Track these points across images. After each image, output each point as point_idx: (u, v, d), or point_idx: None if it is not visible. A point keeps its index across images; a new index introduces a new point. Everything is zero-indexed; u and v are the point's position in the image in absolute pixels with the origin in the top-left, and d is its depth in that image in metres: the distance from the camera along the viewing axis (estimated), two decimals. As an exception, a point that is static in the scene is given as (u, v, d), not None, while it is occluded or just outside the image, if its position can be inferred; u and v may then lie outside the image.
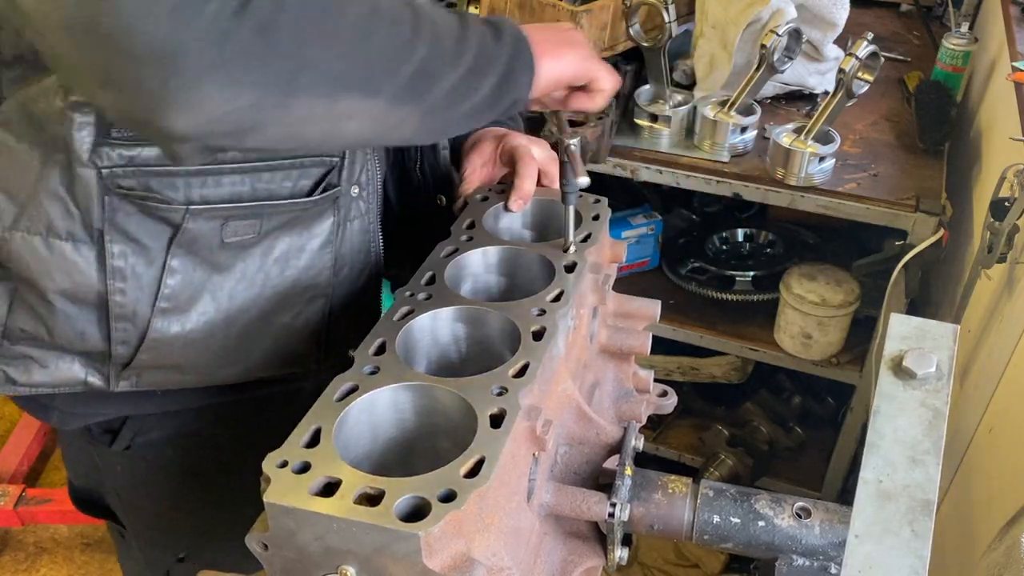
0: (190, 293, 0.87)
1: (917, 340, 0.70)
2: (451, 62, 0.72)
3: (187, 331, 0.89)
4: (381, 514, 0.58)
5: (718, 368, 2.11)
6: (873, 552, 0.55)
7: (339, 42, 0.64)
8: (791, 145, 1.56)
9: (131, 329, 0.88)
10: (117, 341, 0.88)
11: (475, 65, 0.74)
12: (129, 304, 0.86)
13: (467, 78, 0.73)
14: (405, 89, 0.69)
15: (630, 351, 0.95)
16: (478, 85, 0.75)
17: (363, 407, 0.69)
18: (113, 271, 0.84)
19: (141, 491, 1.09)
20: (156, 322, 0.87)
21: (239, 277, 0.88)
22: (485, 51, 0.75)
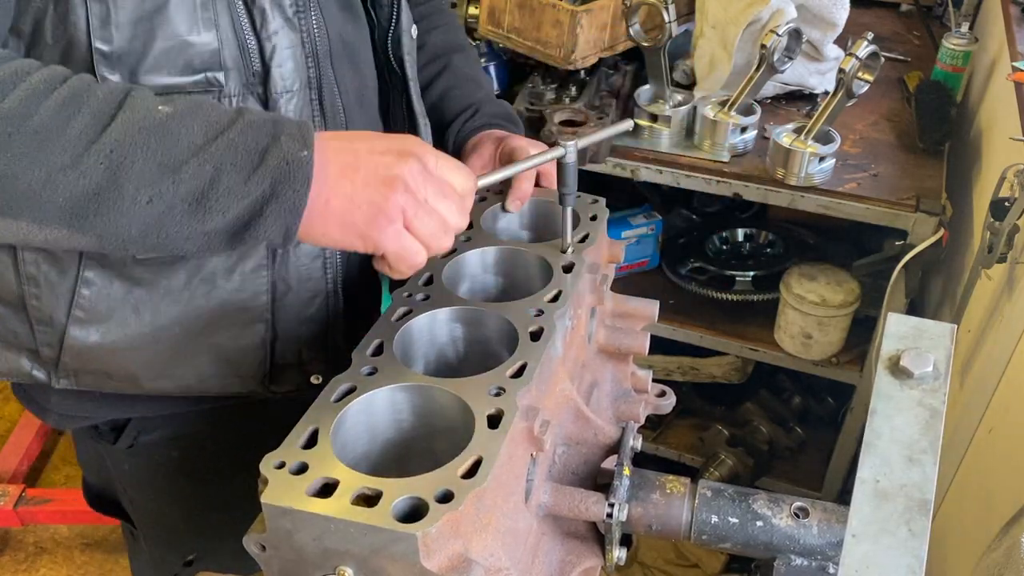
0: (108, 304, 0.86)
1: (914, 340, 0.70)
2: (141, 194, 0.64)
3: (109, 341, 0.88)
4: (378, 515, 0.58)
5: (718, 368, 2.11)
6: (870, 552, 0.55)
7: None
8: (791, 145, 1.56)
9: (51, 333, 0.88)
10: (41, 343, 0.89)
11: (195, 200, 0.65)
12: (45, 310, 0.86)
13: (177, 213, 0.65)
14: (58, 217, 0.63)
15: (628, 351, 0.95)
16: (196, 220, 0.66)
17: (361, 408, 0.69)
18: (27, 277, 0.85)
19: (147, 490, 1.09)
20: (73, 329, 0.87)
21: (163, 293, 0.87)
22: (219, 187, 0.65)
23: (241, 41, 0.80)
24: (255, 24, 0.81)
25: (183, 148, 0.65)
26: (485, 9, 1.80)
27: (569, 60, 1.70)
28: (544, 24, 1.70)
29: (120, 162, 0.63)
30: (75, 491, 2.24)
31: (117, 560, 2.21)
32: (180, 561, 1.16)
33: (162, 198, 0.64)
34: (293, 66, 0.84)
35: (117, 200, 0.63)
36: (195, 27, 0.77)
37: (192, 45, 0.77)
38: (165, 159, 0.64)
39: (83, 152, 0.62)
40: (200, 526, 1.12)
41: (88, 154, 0.62)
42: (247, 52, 0.81)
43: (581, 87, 1.81)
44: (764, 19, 1.62)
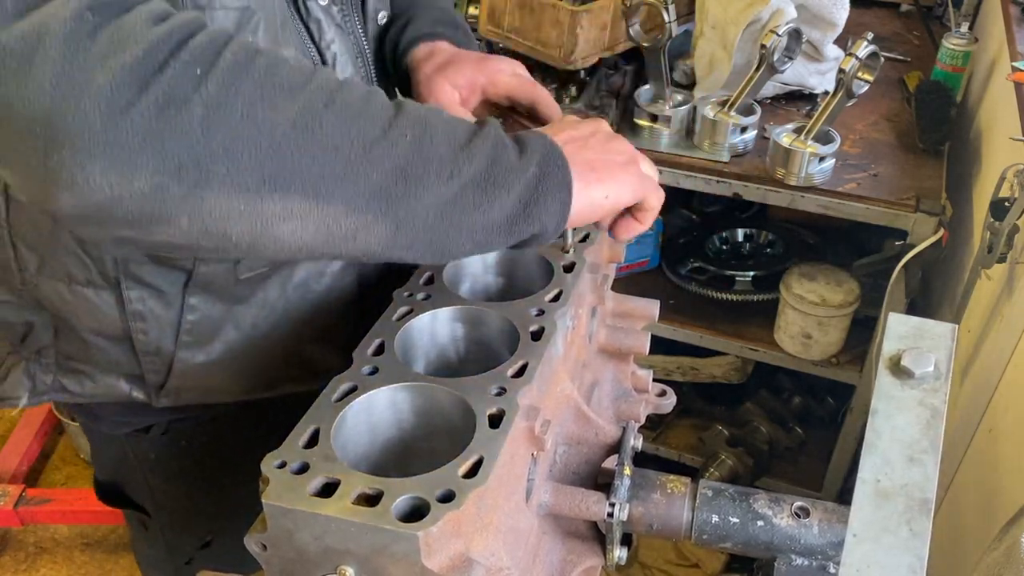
0: (211, 326, 0.88)
1: (915, 339, 0.70)
2: (441, 171, 0.61)
3: (212, 359, 0.90)
4: (380, 514, 0.58)
5: (718, 368, 2.11)
6: (871, 551, 0.55)
7: (273, 132, 0.55)
8: (791, 145, 1.56)
9: (158, 361, 0.90)
10: (148, 370, 0.91)
11: (482, 179, 0.63)
12: (152, 342, 0.88)
13: (468, 193, 0.63)
14: (368, 195, 0.59)
15: (629, 351, 0.95)
16: (484, 203, 0.63)
17: (362, 407, 0.69)
18: (133, 314, 0.86)
19: (171, 474, 1.10)
20: (181, 354, 0.89)
21: (260, 306, 0.89)
22: (499, 165, 0.64)
23: (308, 56, 0.82)
24: (314, 36, 0.82)
25: (461, 131, 0.64)
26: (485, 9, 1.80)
27: (569, 60, 1.71)
28: (544, 24, 1.70)
29: (422, 135, 0.61)
30: (75, 491, 2.25)
31: (117, 560, 2.21)
32: (197, 544, 1.17)
33: (460, 174, 0.62)
34: (352, 71, 0.87)
35: (422, 175, 0.61)
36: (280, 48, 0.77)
37: None
38: (451, 138, 0.63)
39: (389, 125, 0.60)
40: (222, 504, 1.13)
41: (394, 127, 0.60)
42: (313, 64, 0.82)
43: (581, 87, 1.82)
44: (764, 19, 1.62)
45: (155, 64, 0.52)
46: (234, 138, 0.54)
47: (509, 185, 0.64)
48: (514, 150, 0.66)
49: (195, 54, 0.54)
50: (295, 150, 0.56)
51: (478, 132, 0.65)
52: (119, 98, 0.50)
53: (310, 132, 0.57)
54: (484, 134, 0.65)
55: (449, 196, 0.62)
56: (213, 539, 1.16)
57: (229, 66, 0.55)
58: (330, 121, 0.58)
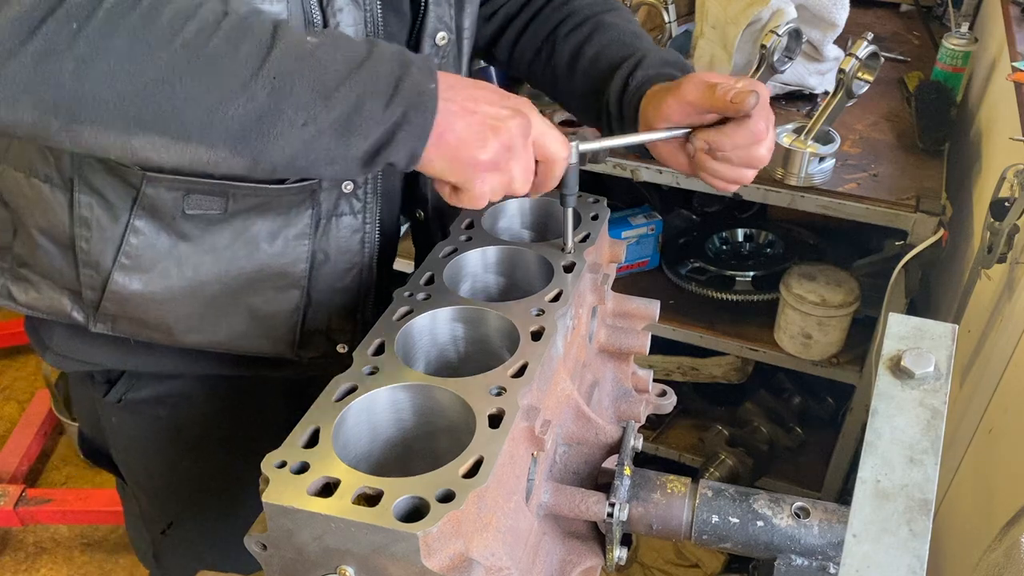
0: (152, 255, 0.88)
1: (915, 340, 0.70)
2: (299, 116, 0.67)
3: (149, 291, 0.90)
4: (380, 514, 0.58)
5: (718, 368, 2.11)
6: (871, 552, 0.55)
7: (136, 84, 0.63)
8: (791, 145, 1.56)
9: (95, 277, 0.90)
10: (85, 285, 0.91)
11: (341, 126, 0.68)
12: (93, 253, 0.89)
13: (325, 137, 0.69)
14: (225, 138, 0.66)
15: (629, 351, 0.95)
16: (340, 146, 0.70)
17: (362, 407, 0.69)
18: (80, 219, 0.88)
19: (133, 446, 1.11)
20: (117, 275, 0.89)
21: (207, 249, 0.89)
22: (362, 113, 0.69)
23: (307, 14, 0.81)
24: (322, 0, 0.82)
25: (331, 76, 0.68)
26: (485, 9, 1.80)
27: (569, 60, 1.70)
28: (544, 24, 1.70)
29: (281, 87, 0.66)
30: (75, 491, 2.25)
31: (117, 560, 2.21)
32: (163, 522, 1.17)
33: (316, 122, 0.67)
34: None
35: (277, 122, 0.67)
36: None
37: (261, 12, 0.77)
38: (317, 86, 0.67)
39: (250, 78, 0.65)
40: (179, 491, 1.14)
41: (255, 79, 0.65)
42: (311, 26, 0.82)
43: (581, 87, 1.81)
44: (764, 19, 1.62)
45: (35, 20, 0.60)
46: (100, 89, 0.62)
47: (366, 132, 0.69)
48: (382, 98, 0.69)
49: (71, 10, 0.61)
50: (156, 101, 0.64)
51: (351, 76, 0.68)
52: (6, 47, 0.60)
53: (170, 86, 0.63)
54: (356, 79, 0.68)
55: (304, 139, 0.68)
56: (175, 523, 1.17)
57: (101, 22, 0.61)
58: (192, 74, 0.64)
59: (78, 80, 0.61)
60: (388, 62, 0.70)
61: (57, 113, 0.63)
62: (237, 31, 0.66)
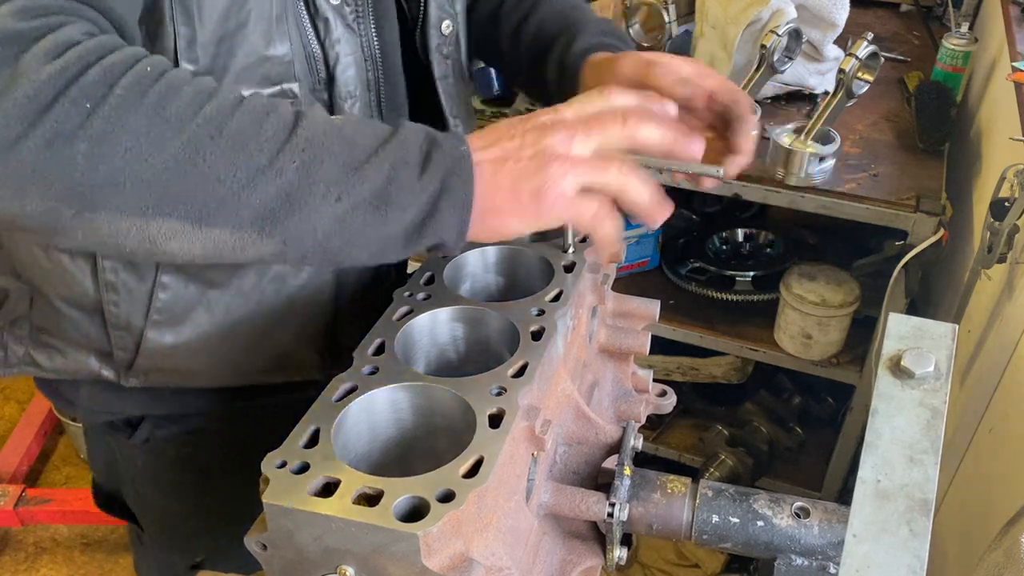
0: (183, 307, 0.88)
1: (915, 340, 0.70)
2: (327, 194, 0.63)
3: (182, 341, 0.90)
4: (380, 514, 0.58)
5: (718, 368, 2.11)
6: (871, 552, 0.55)
7: (155, 167, 0.58)
8: (791, 145, 1.56)
9: (127, 337, 0.89)
10: (117, 347, 0.90)
11: (376, 199, 0.64)
12: (123, 315, 0.88)
13: (360, 213, 0.64)
14: (251, 219, 0.62)
15: (629, 351, 0.95)
16: (377, 222, 0.65)
17: (362, 407, 0.69)
18: (106, 284, 0.86)
19: (157, 486, 1.09)
20: (150, 332, 0.89)
21: (234, 293, 0.89)
22: (397, 184, 0.64)
23: (308, 51, 0.82)
24: (319, 33, 0.82)
25: (360, 149, 0.64)
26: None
27: (569, 60, 1.70)
28: (544, 24, 1.70)
29: (310, 161, 0.62)
30: (75, 491, 2.25)
31: (117, 560, 2.21)
32: (187, 563, 1.16)
33: (349, 195, 0.63)
34: (355, 72, 0.86)
35: (308, 198, 0.62)
36: (271, 42, 0.78)
37: (269, 59, 0.79)
38: (347, 159, 0.64)
39: (277, 153, 0.62)
40: (208, 526, 1.13)
41: (282, 154, 0.62)
42: (313, 61, 0.83)
43: (581, 87, 1.81)
44: (764, 19, 1.62)
45: (44, 101, 0.56)
46: (117, 171, 0.58)
47: (404, 205, 0.65)
48: (415, 168, 0.65)
49: (85, 90, 0.57)
50: (177, 182, 0.59)
51: (380, 149, 0.65)
52: (9, 133, 0.55)
53: (192, 165, 0.59)
54: (386, 151, 0.65)
55: (338, 216, 0.63)
56: (204, 561, 1.16)
57: (118, 101, 0.58)
58: (214, 153, 0.60)
59: (92, 163, 0.57)
60: (416, 133, 0.67)
61: (69, 200, 0.58)
62: (260, 109, 0.63)
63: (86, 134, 0.57)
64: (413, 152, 0.66)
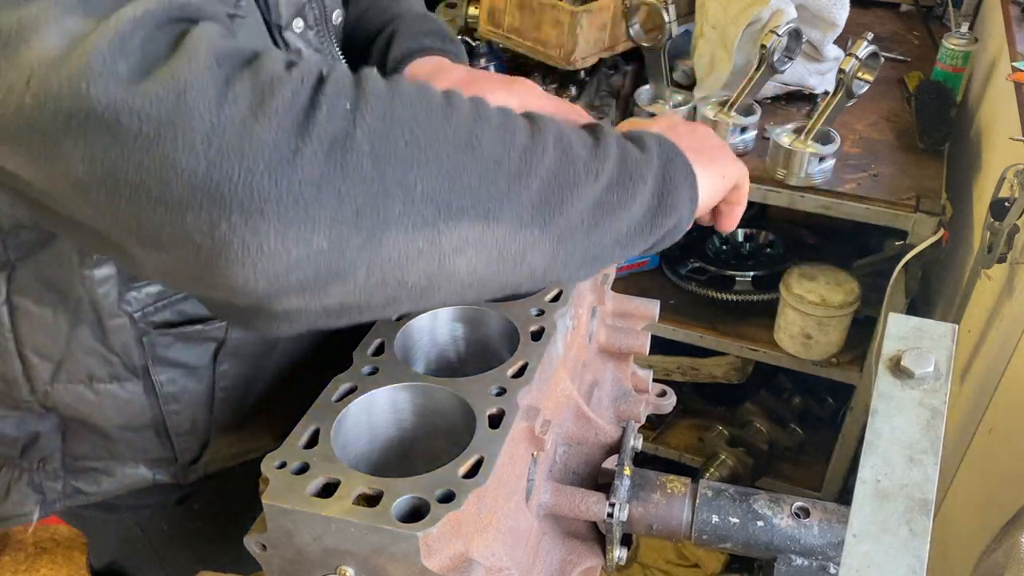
0: (243, 386, 0.85)
1: (915, 340, 0.70)
2: (587, 172, 0.59)
3: (245, 419, 0.87)
4: (379, 515, 0.58)
5: (718, 368, 2.11)
6: (871, 551, 0.55)
7: (439, 156, 0.51)
8: (791, 145, 1.56)
9: (191, 439, 0.86)
10: (180, 450, 0.86)
11: (619, 176, 0.61)
12: (185, 421, 0.84)
13: (611, 191, 0.60)
14: (532, 208, 0.56)
15: (629, 351, 0.95)
16: (627, 200, 0.61)
17: (361, 407, 0.69)
18: (165, 397, 0.82)
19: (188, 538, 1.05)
20: (217, 421, 0.86)
21: (281, 353, 0.86)
22: (629, 160, 0.62)
23: None
24: None
25: (586, 133, 0.62)
26: (485, 9, 1.80)
27: (569, 60, 1.71)
28: (544, 24, 1.70)
29: (559, 139, 0.59)
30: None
31: (117, 560, 2.21)
32: None
33: (603, 172, 0.60)
34: None
35: (573, 178, 0.58)
36: None
37: None
38: (582, 141, 0.61)
39: (532, 133, 0.57)
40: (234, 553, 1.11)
41: (537, 133, 0.58)
42: None
43: (581, 87, 1.82)
44: (764, 19, 1.62)
45: (306, 104, 0.47)
46: (406, 170, 0.50)
47: (643, 177, 0.62)
48: (633, 147, 0.64)
49: (338, 87, 0.49)
50: (464, 171, 0.53)
51: (598, 130, 0.63)
52: (283, 146, 0.46)
53: (472, 149, 0.53)
54: (604, 132, 0.63)
55: (596, 197, 0.60)
56: None
57: (374, 94, 0.50)
58: (487, 135, 0.54)
59: (380, 165, 0.49)
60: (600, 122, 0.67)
61: (359, 220, 0.48)
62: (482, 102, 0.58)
63: (364, 133, 0.48)
64: (617, 137, 0.64)
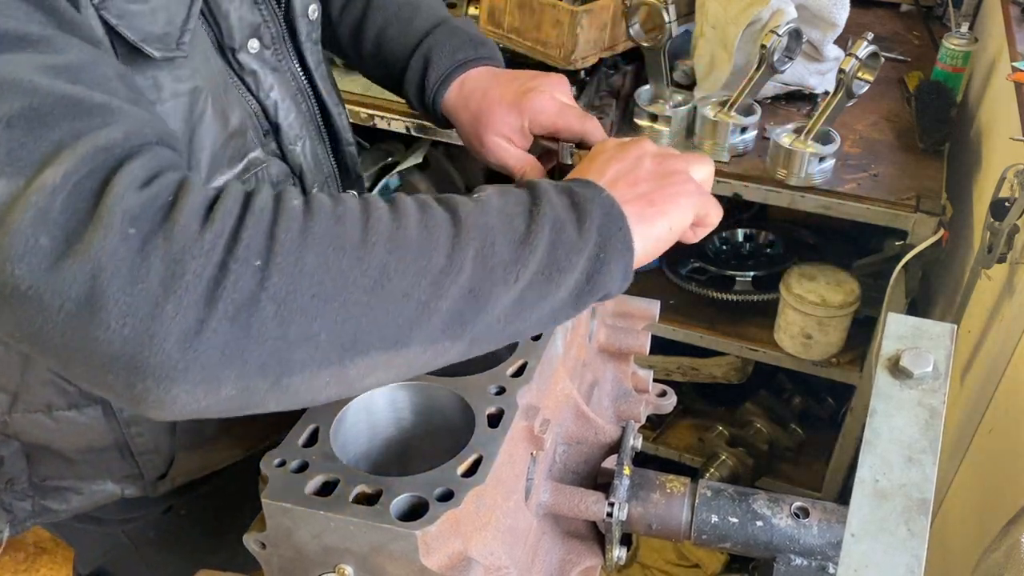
0: None
1: (914, 340, 0.70)
2: (506, 276, 0.58)
3: (210, 435, 0.88)
4: (378, 513, 0.58)
5: (718, 368, 2.11)
6: (869, 551, 0.55)
7: (346, 304, 0.53)
8: (791, 145, 1.56)
9: (156, 458, 0.87)
10: (146, 468, 0.88)
11: (546, 267, 0.60)
12: (150, 441, 0.86)
13: (534, 287, 0.59)
14: (442, 327, 0.57)
15: (629, 351, 0.95)
16: (551, 292, 0.60)
17: (361, 406, 0.69)
18: (126, 421, 0.83)
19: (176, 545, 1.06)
20: (181, 441, 0.87)
21: None
22: (561, 248, 0.60)
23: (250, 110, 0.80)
24: (251, 88, 0.80)
25: (518, 219, 0.60)
26: (485, 9, 1.80)
27: (569, 60, 1.71)
28: (544, 24, 1.70)
29: (482, 247, 0.58)
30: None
31: (117, 560, 2.21)
32: None
33: (524, 272, 0.59)
34: (295, 113, 0.84)
35: (491, 287, 0.58)
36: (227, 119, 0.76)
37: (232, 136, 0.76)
38: (512, 235, 0.59)
39: (452, 248, 0.57)
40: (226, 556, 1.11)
41: (456, 249, 0.57)
42: (257, 118, 0.81)
43: (581, 87, 1.82)
44: (764, 19, 1.62)
45: (215, 274, 0.50)
46: (310, 322, 0.52)
47: (572, 266, 0.61)
48: (572, 224, 0.61)
49: (251, 245, 0.51)
50: (369, 311, 0.54)
51: (535, 214, 0.60)
52: (189, 320, 0.49)
53: (380, 288, 0.54)
54: (541, 216, 0.60)
55: (516, 297, 0.59)
56: None
57: (286, 247, 0.52)
58: (397, 269, 0.55)
59: (284, 323, 0.51)
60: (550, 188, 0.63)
61: (265, 372, 0.52)
62: (414, 209, 0.58)
63: (268, 294, 0.50)
64: (561, 209, 0.61)
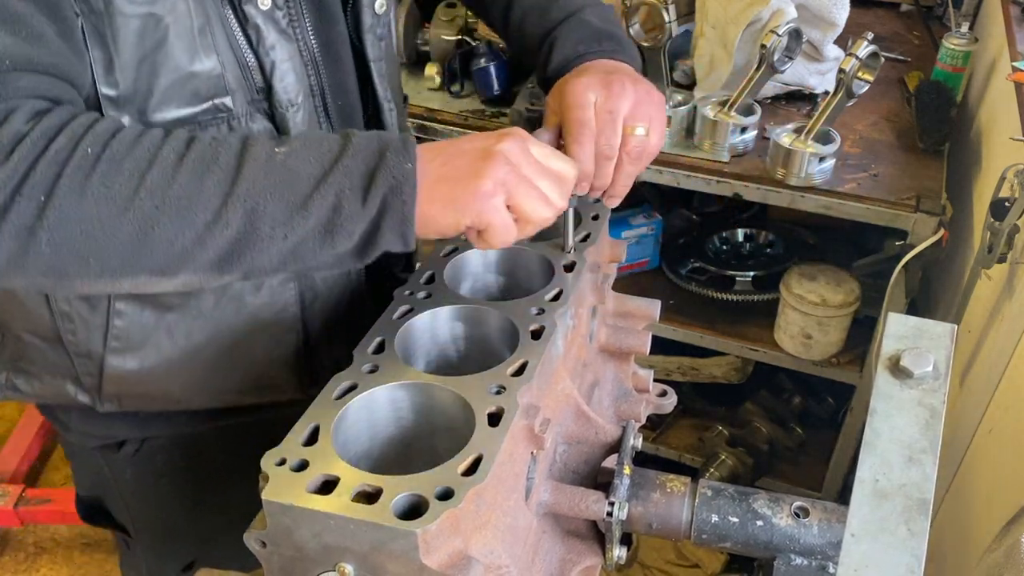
0: (141, 332, 0.88)
1: (914, 340, 0.70)
2: (277, 232, 0.66)
3: (146, 367, 0.90)
4: (378, 512, 0.58)
5: (718, 368, 2.11)
6: (869, 551, 0.55)
7: (110, 243, 0.64)
8: (791, 145, 1.56)
9: (90, 363, 0.90)
10: (82, 373, 0.91)
11: (323, 229, 0.67)
12: (82, 343, 0.89)
13: (308, 243, 0.67)
14: (211, 265, 0.67)
15: (629, 351, 0.95)
16: (327, 247, 0.68)
17: (361, 405, 0.69)
18: (60, 315, 0.87)
19: (150, 495, 1.09)
20: (110, 359, 0.89)
21: (195, 315, 0.89)
22: (342, 213, 0.67)
23: (241, 61, 0.81)
24: (252, 42, 0.81)
25: (304, 183, 0.66)
26: (485, 9, 1.79)
27: (569, 60, 1.70)
28: (545, 24, 1.69)
29: (254, 208, 0.65)
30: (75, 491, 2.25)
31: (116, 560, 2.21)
32: (178, 567, 1.16)
33: (295, 232, 0.67)
34: (295, 78, 0.84)
35: (256, 242, 0.66)
36: (196, 56, 0.77)
37: (196, 75, 0.78)
38: (292, 197, 0.66)
39: (221, 207, 0.65)
40: (200, 528, 1.12)
41: (226, 207, 0.65)
42: (248, 71, 0.81)
43: (581, 87, 1.81)
44: (764, 19, 1.62)
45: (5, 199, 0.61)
46: (79, 250, 0.64)
47: (349, 231, 0.67)
48: (359, 194, 0.67)
49: (36, 184, 0.62)
50: (134, 250, 0.65)
51: (324, 179, 0.67)
52: None
53: (144, 235, 0.64)
54: (331, 181, 0.67)
55: (289, 249, 0.67)
56: (195, 562, 1.15)
57: (65, 192, 0.62)
58: (163, 222, 0.64)
59: (56, 248, 0.63)
60: (362, 153, 0.68)
61: (47, 276, 0.65)
62: (200, 163, 0.66)
63: (44, 225, 0.62)
64: (357, 177, 0.67)
